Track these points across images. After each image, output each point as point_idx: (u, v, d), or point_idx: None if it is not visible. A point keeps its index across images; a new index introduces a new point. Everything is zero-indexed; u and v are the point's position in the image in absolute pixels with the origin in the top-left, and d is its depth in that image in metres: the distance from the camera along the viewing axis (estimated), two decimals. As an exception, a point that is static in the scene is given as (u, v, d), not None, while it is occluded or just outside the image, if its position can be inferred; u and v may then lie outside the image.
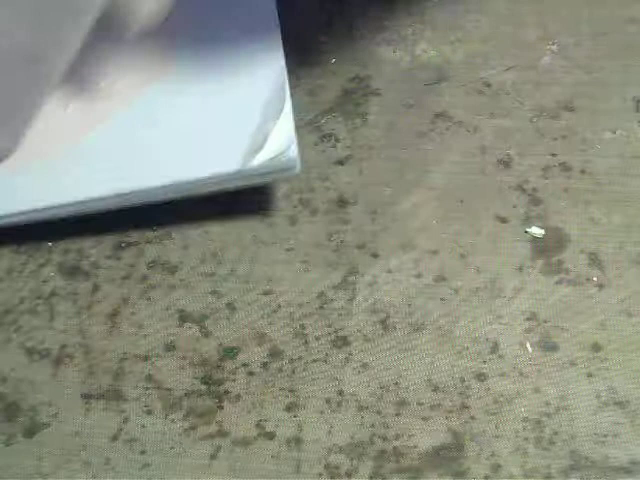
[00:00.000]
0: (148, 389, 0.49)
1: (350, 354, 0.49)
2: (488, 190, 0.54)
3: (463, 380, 0.48)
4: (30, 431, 0.48)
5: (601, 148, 0.55)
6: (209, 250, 0.54)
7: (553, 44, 0.60)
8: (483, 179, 0.55)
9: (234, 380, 0.49)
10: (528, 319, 0.50)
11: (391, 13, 0.63)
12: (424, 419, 0.47)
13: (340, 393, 0.48)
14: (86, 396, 0.49)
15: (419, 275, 0.52)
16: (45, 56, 0.46)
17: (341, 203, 0.55)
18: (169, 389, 0.49)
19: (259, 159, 0.49)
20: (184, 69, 0.55)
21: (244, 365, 0.50)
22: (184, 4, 0.57)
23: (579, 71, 0.59)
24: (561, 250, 0.52)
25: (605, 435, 0.46)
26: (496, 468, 0.45)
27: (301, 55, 0.61)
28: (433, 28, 0.62)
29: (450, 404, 0.47)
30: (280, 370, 0.49)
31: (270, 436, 0.47)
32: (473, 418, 0.47)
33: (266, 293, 0.52)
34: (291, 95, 0.53)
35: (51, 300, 0.52)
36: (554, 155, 0.55)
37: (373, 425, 0.47)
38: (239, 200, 0.53)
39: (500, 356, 0.49)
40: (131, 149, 0.52)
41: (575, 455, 0.45)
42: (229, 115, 0.52)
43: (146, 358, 0.50)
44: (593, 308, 0.50)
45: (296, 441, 0.47)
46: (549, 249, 0.52)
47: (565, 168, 0.55)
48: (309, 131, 0.57)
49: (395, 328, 0.50)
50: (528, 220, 0.53)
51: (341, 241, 0.53)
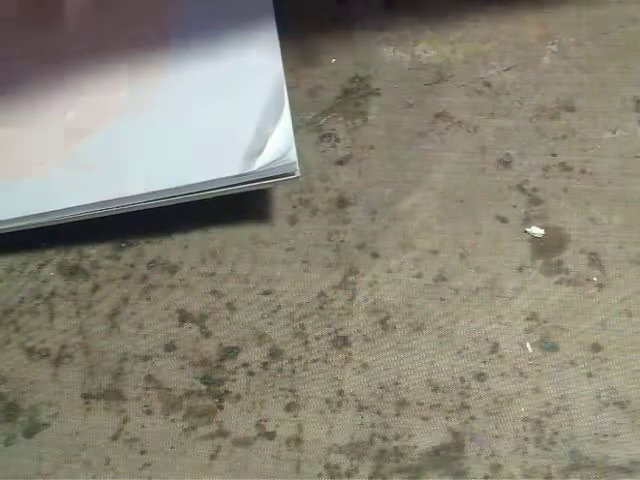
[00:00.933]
0: (148, 389, 0.49)
1: (350, 354, 0.49)
2: (488, 190, 0.54)
3: (463, 380, 0.48)
4: (30, 431, 0.48)
5: (601, 148, 0.55)
6: (209, 250, 0.54)
7: (553, 44, 0.60)
8: (483, 179, 0.55)
9: (234, 380, 0.49)
10: (528, 319, 0.50)
11: (391, 13, 0.63)
12: (424, 419, 0.47)
13: (340, 393, 0.48)
14: (86, 396, 0.49)
15: (419, 275, 0.52)
16: None
17: (341, 203, 0.55)
18: (169, 389, 0.49)
19: (259, 163, 0.50)
20: (181, 74, 0.55)
21: (244, 365, 0.50)
22: (179, 7, 0.57)
23: (579, 71, 0.59)
24: (561, 250, 0.52)
25: (605, 435, 0.46)
26: (496, 468, 0.45)
27: (301, 55, 0.61)
28: (433, 28, 0.62)
29: (450, 404, 0.47)
30: (280, 370, 0.49)
31: (270, 436, 0.47)
32: (473, 418, 0.47)
33: (266, 293, 0.52)
34: (291, 95, 0.53)
35: (51, 300, 0.52)
36: (554, 155, 0.55)
37: (373, 425, 0.47)
38: (239, 200, 0.53)
39: (500, 356, 0.49)
40: (131, 155, 0.52)
41: (575, 455, 0.45)
42: (228, 120, 0.52)
43: (146, 358, 0.50)
44: (593, 308, 0.50)
45: (296, 441, 0.47)
46: (549, 249, 0.52)
47: (565, 168, 0.55)
48: (309, 131, 0.57)
49: (395, 328, 0.50)
50: (528, 220, 0.53)
51: (341, 241, 0.53)
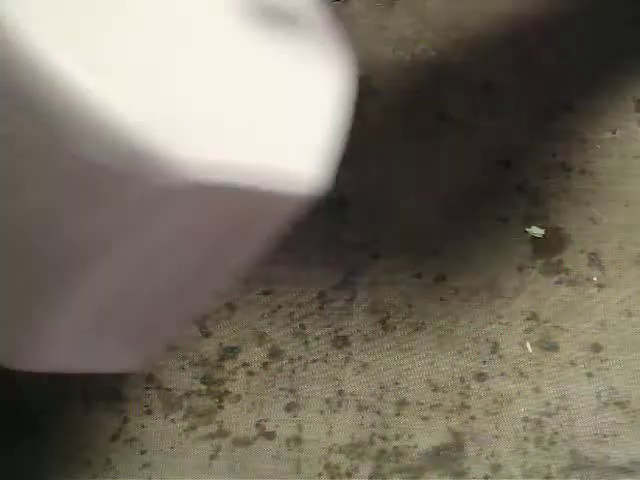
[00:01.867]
0: (148, 389, 0.49)
1: (350, 354, 0.49)
2: (488, 190, 0.54)
3: (463, 380, 0.48)
4: (30, 431, 0.48)
5: (601, 148, 0.55)
6: (209, 250, 0.54)
7: (553, 44, 0.60)
8: (483, 179, 0.55)
9: (234, 380, 0.49)
10: (528, 319, 0.50)
11: (391, 13, 0.63)
12: (424, 419, 0.47)
13: (340, 393, 0.48)
14: (86, 396, 0.49)
15: (419, 275, 0.51)
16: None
17: (341, 203, 0.55)
18: (169, 389, 0.49)
19: None
20: None
21: (244, 365, 0.50)
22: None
23: (579, 71, 0.59)
24: (561, 250, 0.52)
25: (605, 435, 0.46)
26: (496, 468, 0.45)
27: (301, 55, 0.61)
28: (433, 28, 0.62)
29: (450, 404, 0.47)
30: (280, 370, 0.49)
31: (270, 436, 0.47)
32: (473, 418, 0.47)
33: (266, 293, 0.52)
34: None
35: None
36: (554, 155, 0.55)
37: (373, 425, 0.47)
38: (239, 200, 0.53)
39: (500, 356, 0.49)
40: None
41: (575, 455, 0.45)
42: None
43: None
44: (593, 308, 0.50)
45: (296, 441, 0.47)
46: (549, 249, 0.52)
47: (565, 168, 0.55)
48: (309, 131, 0.57)
49: (395, 328, 0.50)
50: (528, 220, 0.53)
51: (341, 241, 0.53)
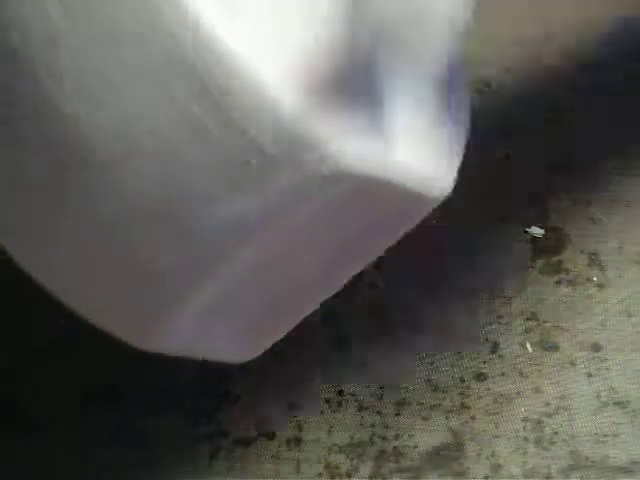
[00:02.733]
0: (148, 389, 0.49)
1: (350, 354, 0.49)
2: (488, 190, 0.54)
3: (463, 380, 0.48)
4: (30, 431, 0.48)
5: (601, 148, 0.55)
6: (209, 250, 0.53)
7: (553, 44, 0.60)
8: (483, 179, 0.55)
9: (234, 380, 0.49)
10: (528, 319, 0.50)
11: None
12: (424, 419, 0.47)
13: (340, 393, 0.48)
14: (86, 396, 0.49)
15: (419, 275, 0.51)
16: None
17: (341, 203, 0.55)
18: (169, 389, 0.49)
19: None
20: None
21: (244, 365, 0.49)
22: None
23: (579, 71, 0.59)
24: (561, 250, 0.52)
25: (605, 435, 0.46)
26: (496, 468, 0.45)
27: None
28: (433, 28, 0.62)
29: (450, 404, 0.47)
30: (280, 370, 0.49)
31: (270, 436, 0.47)
32: (473, 418, 0.47)
33: (266, 293, 0.52)
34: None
35: (52, 299, 0.52)
36: (554, 155, 0.55)
37: (373, 425, 0.47)
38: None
39: (500, 356, 0.49)
40: None
41: (575, 455, 0.45)
42: None
43: (146, 358, 0.50)
44: (593, 308, 0.50)
45: (296, 441, 0.47)
46: (549, 249, 0.52)
47: (565, 168, 0.55)
48: (309, 131, 0.57)
49: (395, 328, 0.50)
50: (528, 220, 0.53)
51: (341, 241, 0.53)
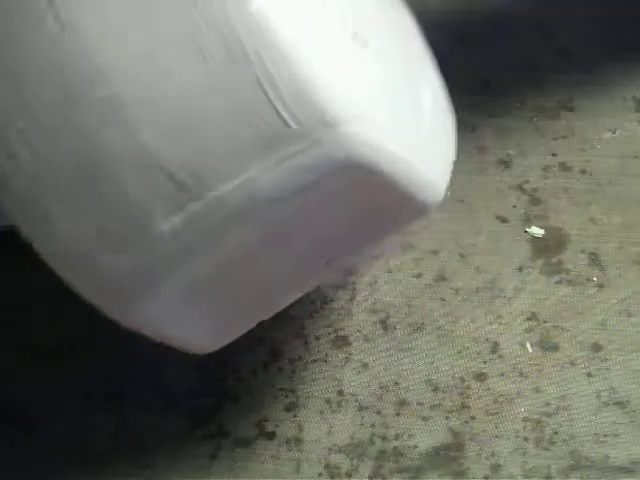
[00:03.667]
0: (148, 389, 0.49)
1: (350, 354, 0.49)
2: (488, 190, 0.54)
3: (463, 380, 0.48)
4: (30, 431, 0.48)
5: (601, 148, 0.55)
6: (209, 250, 0.54)
7: (553, 45, 0.60)
8: (483, 179, 0.55)
9: (234, 380, 0.49)
10: (528, 319, 0.50)
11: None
12: (424, 419, 0.47)
13: (340, 393, 0.48)
14: (86, 396, 0.49)
15: (419, 275, 0.51)
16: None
17: (341, 203, 0.55)
18: (169, 389, 0.49)
19: None
20: None
21: (244, 365, 0.50)
22: None
23: (579, 71, 0.59)
24: (561, 250, 0.52)
25: (605, 435, 0.46)
26: (496, 468, 0.45)
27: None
28: (433, 28, 0.62)
29: (450, 404, 0.47)
30: (280, 370, 0.49)
31: (270, 436, 0.47)
32: (473, 418, 0.47)
33: (266, 293, 0.52)
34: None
35: (51, 300, 0.52)
36: (554, 155, 0.55)
37: (373, 425, 0.47)
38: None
39: (500, 356, 0.49)
40: None
41: (575, 455, 0.45)
42: None
43: (146, 358, 0.50)
44: (593, 308, 0.50)
45: (296, 441, 0.47)
46: (549, 249, 0.52)
47: (565, 168, 0.55)
48: (309, 131, 0.57)
49: (395, 328, 0.50)
50: (528, 220, 0.53)
51: (341, 241, 0.53)
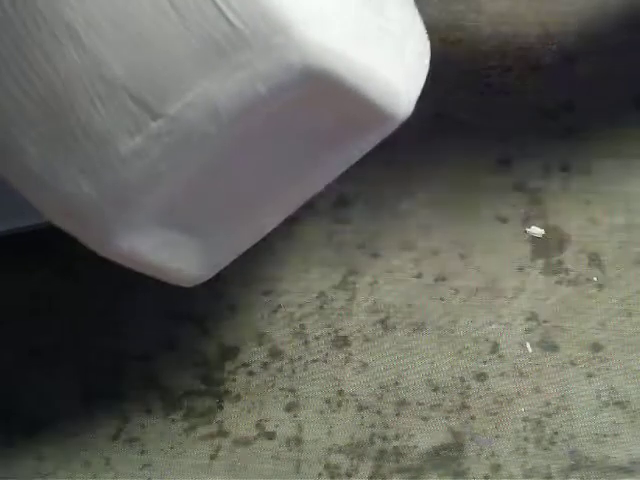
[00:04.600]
0: (148, 389, 0.49)
1: (350, 354, 0.49)
2: (488, 190, 0.54)
3: (463, 380, 0.48)
4: (30, 431, 0.48)
5: (601, 148, 0.55)
6: (209, 250, 0.54)
7: (553, 44, 0.60)
8: (483, 179, 0.55)
9: (234, 380, 0.49)
10: (528, 319, 0.50)
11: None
12: (424, 419, 0.47)
13: (340, 393, 0.48)
14: (86, 396, 0.49)
15: (419, 275, 0.51)
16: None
17: (341, 203, 0.55)
18: (169, 389, 0.49)
19: None
20: None
21: (244, 365, 0.50)
22: None
23: (579, 71, 0.59)
24: (561, 250, 0.52)
25: (605, 435, 0.46)
26: (496, 468, 0.45)
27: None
28: (433, 29, 0.62)
29: (450, 404, 0.47)
30: (280, 370, 0.49)
31: (270, 436, 0.47)
32: (473, 418, 0.47)
33: (266, 293, 0.52)
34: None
35: (50, 300, 0.52)
36: (554, 155, 0.55)
37: (373, 425, 0.47)
38: (239, 200, 0.53)
39: (500, 356, 0.49)
40: None
41: (575, 455, 0.45)
42: None
43: (146, 358, 0.50)
44: (593, 308, 0.50)
45: (296, 441, 0.47)
46: (549, 249, 0.52)
47: (565, 168, 0.55)
48: (309, 131, 0.57)
49: (395, 328, 0.50)
50: (528, 220, 0.53)
51: (341, 241, 0.53)
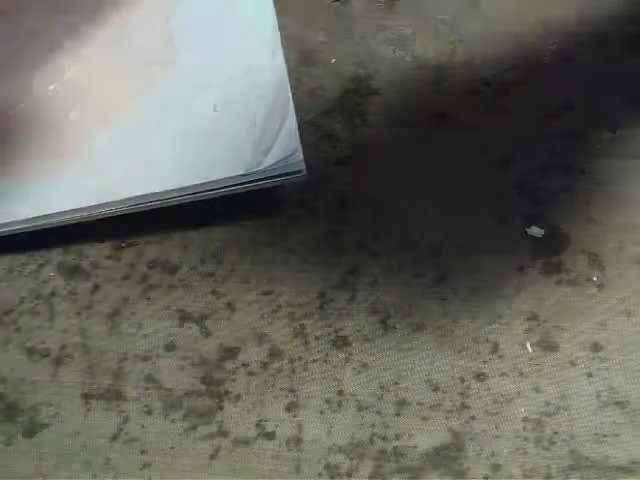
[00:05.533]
0: (148, 389, 0.49)
1: (350, 354, 0.49)
2: (488, 190, 0.54)
3: (463, 380, 0.48)
4: (30, 431, 0.48)
5: (601, 148, 0.55)
6: (209, 250, 0.54)
7: (553, 44, 0.60)
8: (483, 179, 0.55)
9: (234, 380, 0.49)
10: (528, 319, 0.50)
11: (391, 13, 0.63)
12: (424, 419, 0.47)
13: (340, 393, 0.48)
14: (86, 396, 0.49)
15: (419, 275, 0.51)
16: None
17: (341, 203, 0.55)
18: (169, 389, 0.49)
19: (267, 162, 0.50)
20: (186, 75, 0.55)
21: (244, 365, 0.50)
22: (183, 10, 0.57)
23: (579, 71, 0.59)
24: (561, 250, 0.52)
25: (605, 435, 0.46)
26: (496, 468, 0.45)
27: (301, 55, 0.61)
28: (433, 28, 0.62)
29: (450, 404, 0.47)
30: (280, 370, 0.49)
31: (270, 436, 0.47)
32: (473, 418, 0.47)
33: (266, 293, 0.52)
34: (292, 95, 0.53)
35: (51, 300, 0.52)
36: (554, 155, 0.55)
37: (373, 425, 0.47)
38: (239, 200, 0.53)
39: (500, 356, 0.49)
40: (136, 155, 0.52)
41: (575, 455, 0.45)
42: (235, 119, 0.53)
43: (146, 358, 0.50)
44: (593, 308, 0.50)
45: (296, 441, 0.47)
46: (549, 249, 0.52)
47: (565, 168, 0.55)
48: (309, 131, 0.57)
49: (395, 328, 0.50)
50: (528, 220, 0.53)
51: (341, 241, 0.53)
